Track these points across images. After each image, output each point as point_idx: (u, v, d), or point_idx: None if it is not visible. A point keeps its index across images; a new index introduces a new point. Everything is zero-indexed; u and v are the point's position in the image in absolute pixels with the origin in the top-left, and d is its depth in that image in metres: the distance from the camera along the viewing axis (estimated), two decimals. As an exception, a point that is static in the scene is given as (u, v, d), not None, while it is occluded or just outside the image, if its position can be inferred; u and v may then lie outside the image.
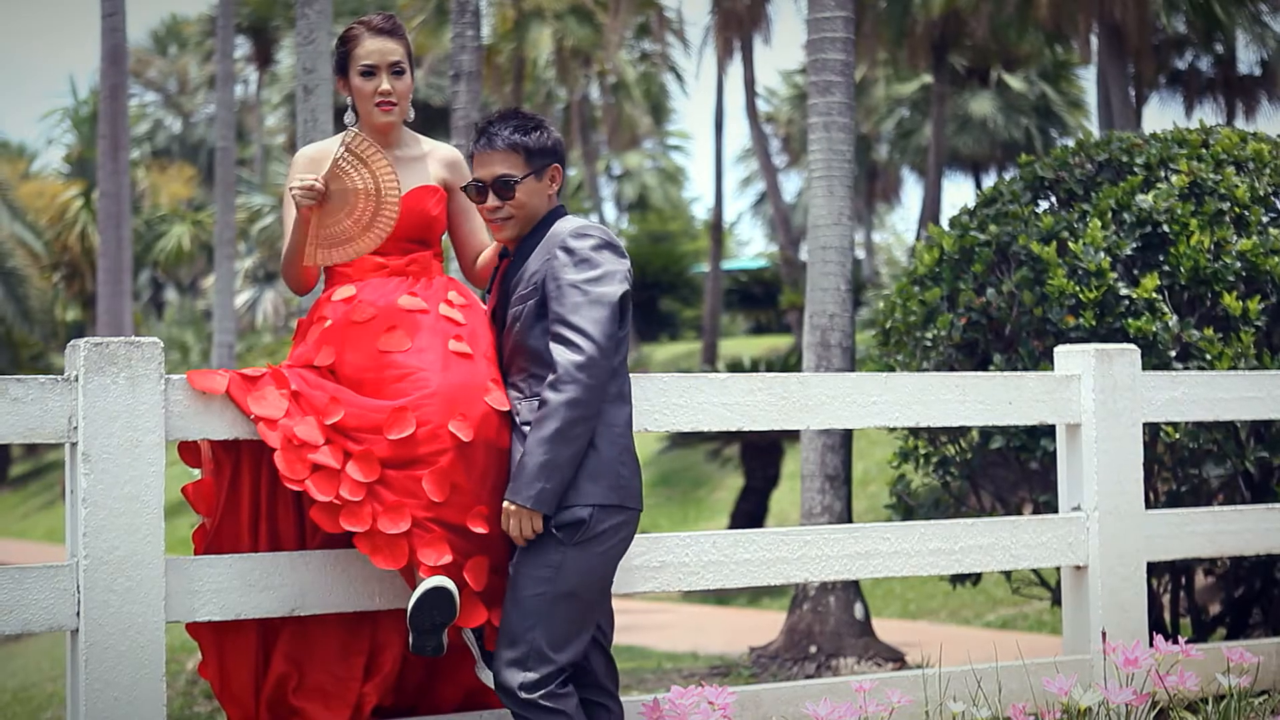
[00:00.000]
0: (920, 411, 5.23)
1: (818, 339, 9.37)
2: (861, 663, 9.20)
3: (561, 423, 4.07)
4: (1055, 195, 7.55)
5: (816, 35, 9.60)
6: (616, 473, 4.17)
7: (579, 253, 4.22)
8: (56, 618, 4.01)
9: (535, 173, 4.34)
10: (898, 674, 5.19)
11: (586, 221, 4.34)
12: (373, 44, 4.61)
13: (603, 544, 4.15)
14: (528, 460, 4.09)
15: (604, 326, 4.14)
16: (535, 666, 4.09)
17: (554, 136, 4.41)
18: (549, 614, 4.10)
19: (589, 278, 4.19)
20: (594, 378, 4.10)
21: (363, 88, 4.61)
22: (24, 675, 15.17)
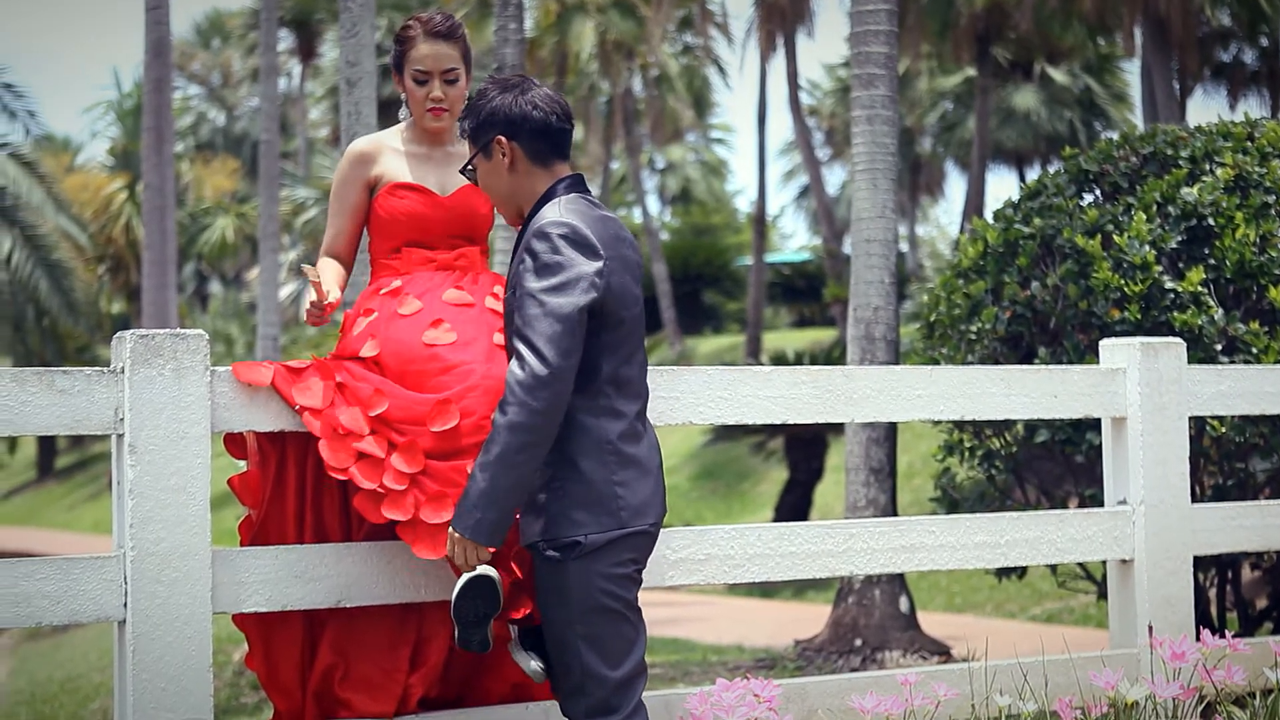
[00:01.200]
0: (965, 405, 5.21)
1: (862, 332, 9.37)
2: (907, 656, 9.19)
3: (502, 448, 3.82)
4: (1100, 188, 7.51)
5: (860, 28, 9.59)
6: (613, 494, 3.96)
7: (540, 257, 3.93)
8: (104, 608, 4.04)
9: (482, 151, 4.14)
10: (943, 667, 5.17)
11: (555, 216, 4.00)
12: (427, 48, 4.56)
13: (609, 558, 3.97)
14: (469, 486, 3.89)
15: (560, 342, 3.83)
16: (593, 690, 3.99)
17: (488, 109, 4.12)
18: (586, 634, 3.98)
19: (546, 286, 3.89)
20: (542, 399, 3.81)
21: (415, 92, 4.60)
22: (71, 666, 15.29)
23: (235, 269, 49.38)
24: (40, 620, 3.99)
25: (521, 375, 3.82)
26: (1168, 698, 4.51)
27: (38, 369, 4.02)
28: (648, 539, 4.07)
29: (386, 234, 4.63)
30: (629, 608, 4.03)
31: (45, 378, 4.02)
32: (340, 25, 10.43)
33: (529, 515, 4.02)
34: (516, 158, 4.13)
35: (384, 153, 4.70)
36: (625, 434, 4.02)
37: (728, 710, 4.26)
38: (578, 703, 4.01)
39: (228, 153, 52.79)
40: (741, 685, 4.34)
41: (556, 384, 3.82)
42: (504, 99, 4.12)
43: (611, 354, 4.00)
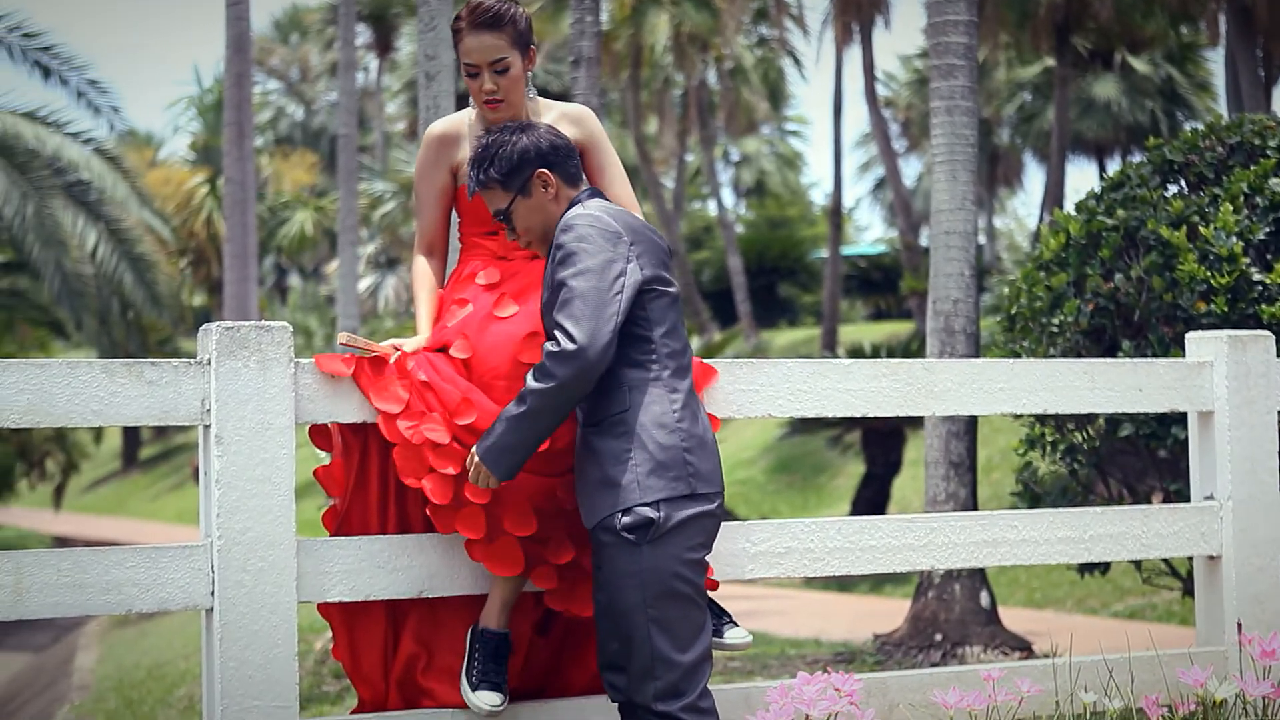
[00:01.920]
0: (1048, 398, 5.17)
1: (941, 325, 9.30)
2: (988, 651, 9.12)
3: (529, 408, 4.05)
4: (1185, 179, 7.43)
5: (939, 18, 9.52)
6: (682, 460, 4.09)
7: (564, 247, 4.15)
8: (192, 597, 4.08)
9: (520, 193, 4.29)
10: (1026, 663, 5.13)
11: (576, 210, 4.25)
12: (473, 40, 4.45)
13: (682, 541, 4.08)
14: (497, 426, 4.10)
15: (585, 321, 4.03)
16: (662, 673, 4.05)
17: (518, 150, 4.29)
18: (657, 617, 4.05)
19: (571, 272, 4.10)
20: (564, 372, 4.02)
21: (469, 85, 4.53)
22: (156, 653, 15.46)
23: (314, 262, 49.72)
24: (130, 607, 4.03)
25: (552, 348, 4.04)
26: (1258, 696, 4.45)
27: (127, 360, 4.06)
28: (715, 522, 4.18)
29: (476, 219, 4.58)
30: (699, 593, 4.13)
31: (134, 369, 4.06)
32: (418, 19, 10.46)
33: (600, 491, 4.09)
34: (558, 186, 4.31)
35: (462, 136, 4.65)
36: (685, 408, 4.16)
37: (809, 704, 4.24)
38: (646, 686, 4.05)
39: (306, 147, 53.17)
40: (822, 679, 4.32)
41: (581, 358, 4.01)
42: (526, 137, 4.31)
43: (659, 325, 4.18)
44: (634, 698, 4.10)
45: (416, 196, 4.71)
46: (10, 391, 3.94)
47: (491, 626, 4.35)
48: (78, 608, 4.00)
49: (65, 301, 23.00)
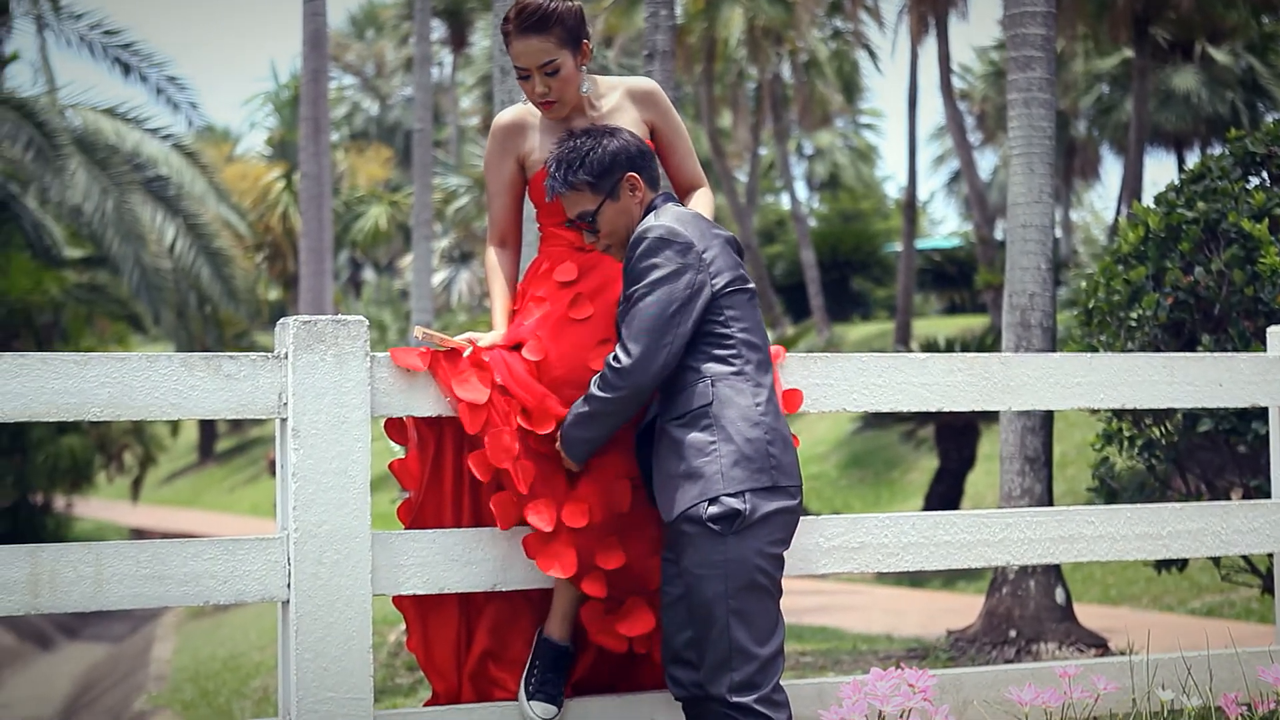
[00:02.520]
0: (1126, 393, 5.12)
1: (1017, 319, 9.24)
2: (1063, 648, 9.05)
3: (591, 411, 4.20)
4: (1267, 171, 7.34)
5: (1016, 10, 9.44)
6: (765, 453, 4.14)
7: (638, 260, 4.21)
8: (269, 589, 4.11)
9: (609, 196, 4.32)
10: (1103, 660, 5.09)
11: (650, 220, 4.27)
12: (520, 45, 4.40)
13: (765, 535, 4.12)
14: (569, 414, 4.26)
15: (644, 342, 4.12)
16: (740, 665, 4.08)
17: (610, 153, 4.31)
18: (738, 609, 4.08)
19: (641, 287, 4.17)
20: (619, 389, 4.15)
21: (522, 86, 4.49)
22: (232, 644, 15.60)
23: (388, 257, 49.95)
24: (208, 599, 4.07)
25: (612, 362, 4.17)
26: (1337, 694, 4.40)
27: (205, 354, 4.10)
28: (795, 518, 4.22)
29: (551, 210, 4.55)
30: (777, 587, 4.17)
31: (212, 363, 4.09)
32: (493, 13, 10.49)
33: (683, 483, 4.12)
34: (643, 189, 4.36)
35: (529, 126, 4.61)
36: (769, 402, 4.21)
37: (882, 699, 4.23)
38: (723, 678, 4.08)
39: (381, 142, 53.46)
40: (896, 674, 4.31)
41: (633, 377, 4.14)
42: (615, 140, 4.34)
43: (739, 322, 4.23)
44: (709, 689, 4.11)
45: (487, 188, 4.71)
46: (92, 385, 3.98)
47: (554, 637, 4.39)
48: (157, 599, 4.04)
49: (144, 296, 23.27)
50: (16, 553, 3.92)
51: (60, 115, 22.30)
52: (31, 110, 21.66)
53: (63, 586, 3.94)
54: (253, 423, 44.67)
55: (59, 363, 3.97)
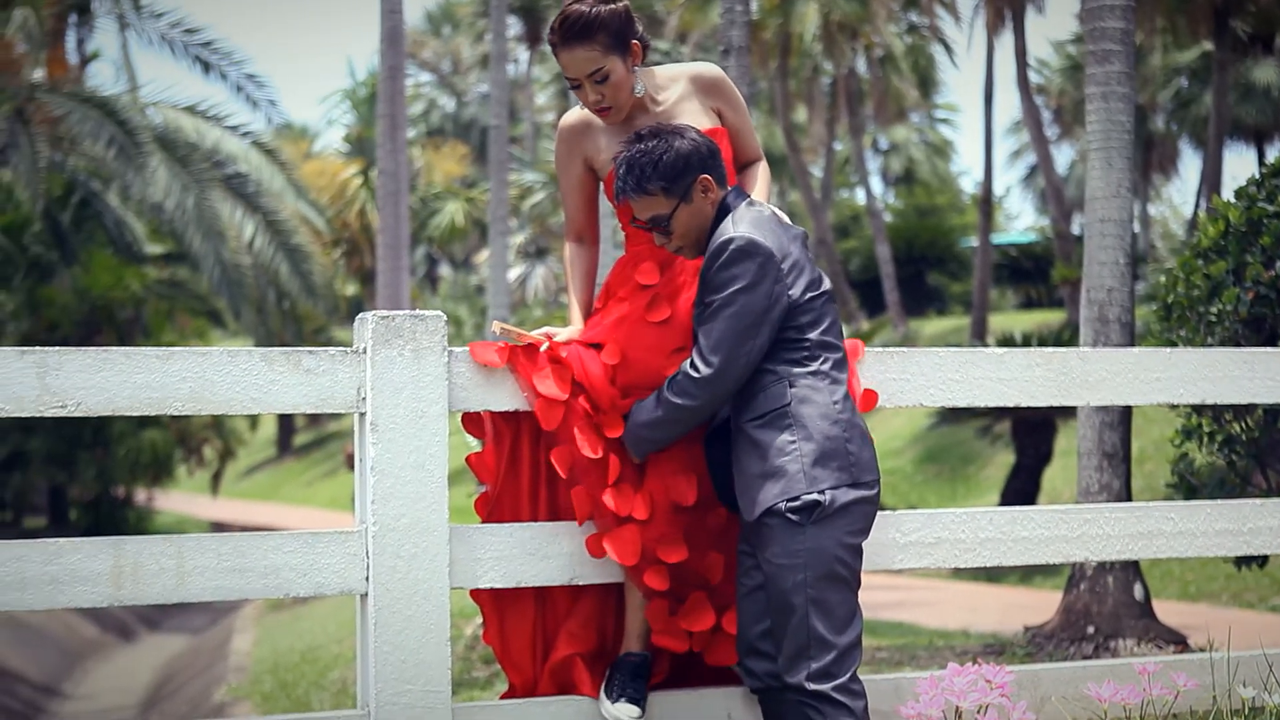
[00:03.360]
0: (1206, 388, 5.07)
1: (1095, 314, 9.16)
2: (1141, 645, 8.97)
3: (665, 417, 4.23)
4: (1350, 164, 7.23)
5: (1094, 3, 9.36)
6: (844, 450, 4.14)
7: (713, 270, 4.19)
8: (348, 581, 4.14)
9: (683, 199, 4.26)
10: (1182, 657, 5.05)
11: (728, 225, 4.22)
12: (565, 56, 4.36)
13: (845, 519, 4.12)
14: (636, 412, 4.30)
15: (724, 350, 4.13)
16: (818, 654, 4.08)
17: (681, 155, 4.24)
18: (817, 598, 4.08)
19: (721, 298, 4.15)
20: (697, 397, 4.17)
21: (576, 94, 4.45)
22: (310, 637, 15.71)
23: (464, 252, 50.20)
24: (288, 591, 4.10)
25: (690, 371, 4.19)
26: None
27: (285, 349, 4.13)
28: (873, 509, 4.23)
29: (625, 210, 4.49)
30: (855, 577, 4.18)
31: (292, 358, 4.12)
32: (569, 10, 10.52)
33: (765, 482, 4.12)
34: (714, 189, 4.31)
35: (593, 127, 4.58)
36: (846, 399, 4.22)
37: (959, 695, 4.20)
38: (802, 666, 4.08)
39: (457, 138, 53.66)
40: (973, 670, 4.28)
41: (712, 386, 4.16)
42: (684, 141, 4.26)
43: (816, 325, 4.22)
44: (786, 678, 4.11)
45: (560, 187, 4.72)
46: (174, 380, 4.02)
47: (633, 649, 4.42)
48: (237, 591, 4.08)
49: (223, 291, 23.49)
50: (100, 545, 3.96)
51: (142, 113, 22.54)
52: (113, 108, 21.90)
53: (145, 579, 3.98)
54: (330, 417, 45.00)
55: (142, 357, 4.01)
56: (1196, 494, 7.50)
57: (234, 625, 19.94)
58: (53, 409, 3.94)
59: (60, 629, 20.15)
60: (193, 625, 22.94)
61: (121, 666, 19.70)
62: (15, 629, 18.33)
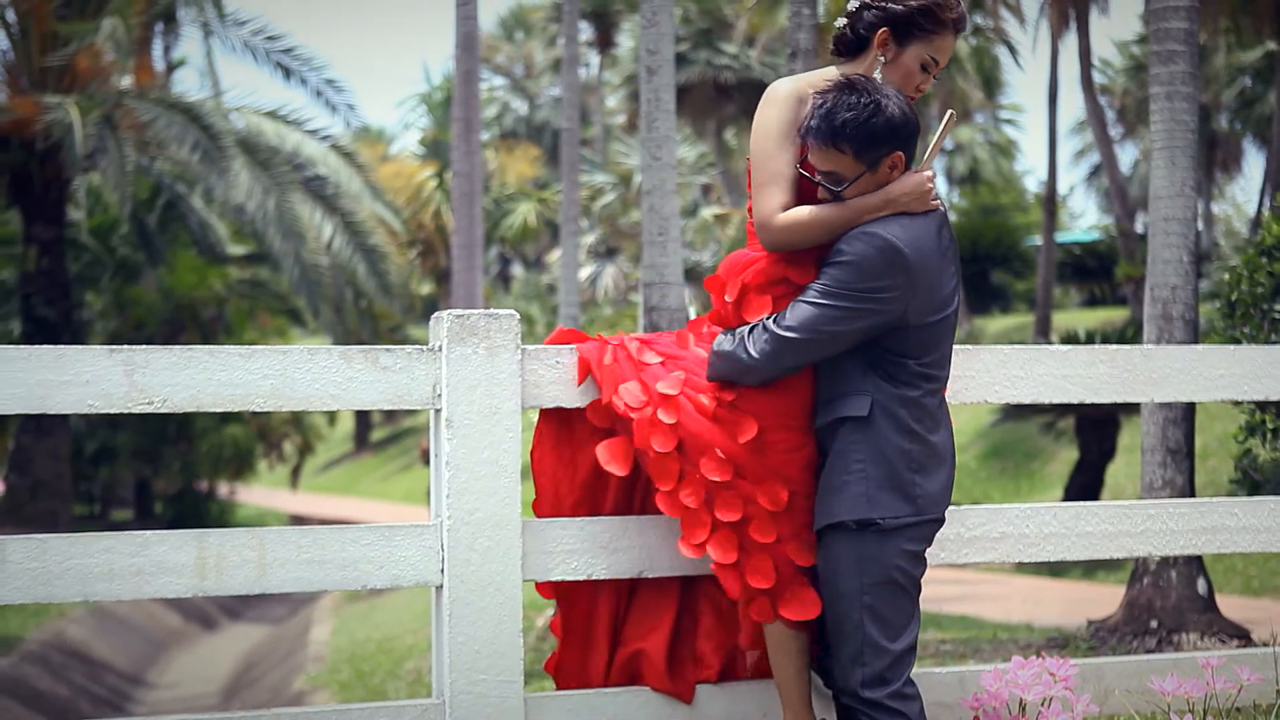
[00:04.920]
0: (1270, 385, 5.01)
1: (1159, 311, 9.08)
2: (1205, 639, 8.89)
3: (727, 357, 4.11)
4: None
5: (1159, 4, 9.28)
6: (913, 482, 4.02)
7: (845, 250, 4.00)
8: (423, 574, 4.16)
9: (870, 167, 4.01)
10: (1246, 651, 4.99)
11: (889, 222, 4.02)
12: (948, 42, 4.17)
13: (904, 535, 4.02)
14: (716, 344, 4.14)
15: (812, 327, 3.97)
16: (871, 660, 4.00)
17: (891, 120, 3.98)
18: (872, 605, 4.00)
19: (832, 283, 3.99)
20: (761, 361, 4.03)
21: (912, 74, 4.19)
22: (385, 627, 15.80)
23: (536, 252, 50.32)
24: (365, 583, 4.13)
25: (777, 330, 4.01)
26: None
27: (363, 348, 4.15)
28: (937, 526, 4.14)
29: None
30: (914, 584, 4.09)
31: (370, 356, 4.15)
32: (641, 15, 10.52)
33: (833, 497, 4.04)
34: (900, 170, 4.08)
35: (806, 97, 4.18)
36: (929, 422, 4.07)
37: (1023, 688, 4.19)
38: (855, 673, 4.02)
39: (530, 141, 53.79)
40: (1037, 663, 4.26)
41: (777, 357, 4.02)
42: (894, 110, 4.00)
43: (919, 354, 4.06)
44: (840, 683, 4.07)
45: (770, 160, 4.15)
46: (256, 377, 4.06)
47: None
48: (317, 583, 4.10)
49: (303, 290, 23.63)
50: (184, 538, 4.00)
51: (225, 118, 22.71)
52: (198, 113, 22.09)
53: (228, 570, 4.02)
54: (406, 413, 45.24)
55: (225, 356, 4.05)
56: (1260, 489, 7.44)
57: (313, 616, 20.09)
58: (140, 405, 3.98)
59: (145, 619, 20.37)
60: (273, 615, 23.12)
61: (204, 656, 19.89)
62: (102, 619, 18.54)
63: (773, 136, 4.12)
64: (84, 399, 3.95)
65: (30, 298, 22.78)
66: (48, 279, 22.73)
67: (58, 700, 14.34)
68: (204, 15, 24.06)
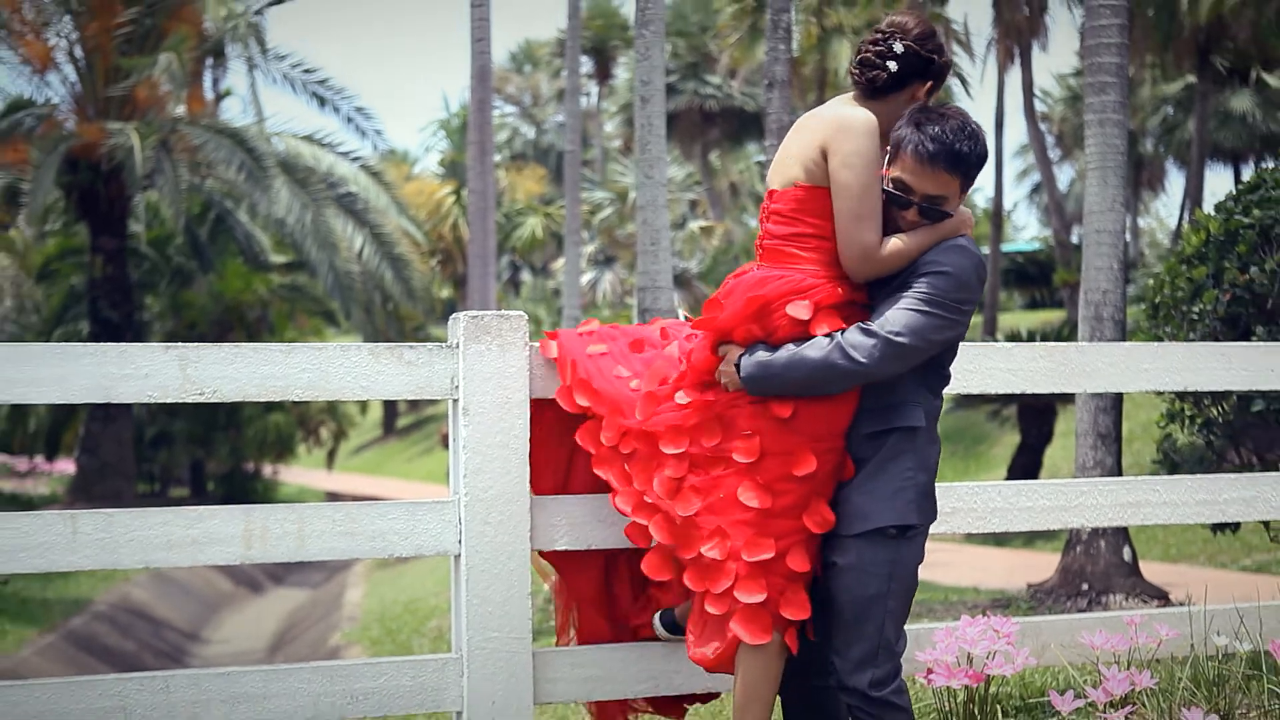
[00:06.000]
0: (1189, 378, 5.02)
1: (1092, 313, 9.10)
2: (1129, 600, 8.92)
3: (827, 368, 3.67)
4: (1315, 181, 7.15)
5: (1093, 41, 9.30)
6: (934, 491, 3.84)
7: (945, 268, 3.74)
8: (443, 544, 4.16)
9: (963, 193, 3.77)
10: (1165, 610, 5.00)
11: (972, 246, 3.78)
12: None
13: (922, 542, 3.83)
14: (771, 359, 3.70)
15: (919, 333, 3.67)
16: (883, 662, 3.75)
17: (984, 151, 3.74)
18: (892, 608, 3.76)
19: (935, 292, 3.71)
20: (881, 365, 3.66)
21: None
22: (411, 591, 15.79)
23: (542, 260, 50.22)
24: (392, 552, 4.13)
25: (887, 334, 3.64)
26: (1377, 643, 4.29)
27: (389, 345, 4.16)
28: None
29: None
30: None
31: (395, 352, 4.15)
32: (635, 49, 10.53)
33: (880, 503, 3.75)
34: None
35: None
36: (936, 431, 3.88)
37: (971, 643, 4.20)
38: (865, 674, 3.75)
39: (536, 162, 53.72)
40: (983, 622, 4.27)
41: (896, 360, 3.67)
42: (985, 141, 3.77)
43: (948, 367, 3.88)
44: (846, 681, 3.76)
45: (868, 191, 3.73)
46: (295, 370, 4.06)
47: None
48: (349, 552, 4.11)
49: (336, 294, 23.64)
50: (233, 512, 4.01)
51: (267, 142, 22.69)
52: (243, 138, 22.07)
53: (271, 541, 4.02)
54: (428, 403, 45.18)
55: (268, 351, 4.05)
56: (1179, 469, 7.45)
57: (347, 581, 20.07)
58: (193, 396, 3.99)
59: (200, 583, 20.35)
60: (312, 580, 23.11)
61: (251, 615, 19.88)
62: (163, 583, 18.53)
63: (871, 168, 3.73)
64: (144, 390, 3.95)
65: (97, 301, 22.76)
66: (112, 285, 22.71)
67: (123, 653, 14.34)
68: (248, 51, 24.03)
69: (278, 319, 29.21)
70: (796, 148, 3.83)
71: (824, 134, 3.78)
